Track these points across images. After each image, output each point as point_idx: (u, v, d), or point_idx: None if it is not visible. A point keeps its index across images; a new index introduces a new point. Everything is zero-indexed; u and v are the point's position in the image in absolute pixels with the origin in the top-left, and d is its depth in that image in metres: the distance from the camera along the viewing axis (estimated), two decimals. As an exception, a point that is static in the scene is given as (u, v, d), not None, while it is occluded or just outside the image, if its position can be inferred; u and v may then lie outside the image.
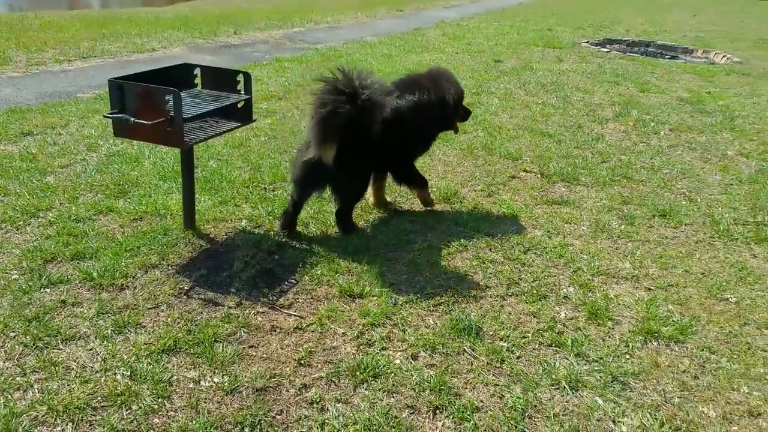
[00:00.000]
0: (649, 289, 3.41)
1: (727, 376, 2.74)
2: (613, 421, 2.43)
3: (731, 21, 19.20)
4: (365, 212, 4.18)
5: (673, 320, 3.11)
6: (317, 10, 16.65)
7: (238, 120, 3.69)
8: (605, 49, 11.70)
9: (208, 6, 18.02)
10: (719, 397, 2.61)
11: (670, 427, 2.41)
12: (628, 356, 2.83)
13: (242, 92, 3.70)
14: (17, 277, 3.22)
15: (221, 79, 3.75)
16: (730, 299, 3.36)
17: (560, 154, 5.49)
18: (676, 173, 5.18)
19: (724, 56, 11.83)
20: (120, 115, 3.11)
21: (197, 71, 3.81)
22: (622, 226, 4.13)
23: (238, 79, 3.70)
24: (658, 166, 5.30)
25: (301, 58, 9.52)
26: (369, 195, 4.21)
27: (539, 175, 5.00)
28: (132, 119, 3.08)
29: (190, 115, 3.26)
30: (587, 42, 12.41)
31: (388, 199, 4.36)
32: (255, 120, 3.85)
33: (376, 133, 3.58)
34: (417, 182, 4.24)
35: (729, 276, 3.59)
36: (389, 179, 4.21)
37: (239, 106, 3.66)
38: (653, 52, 12.34)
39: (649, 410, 2.49)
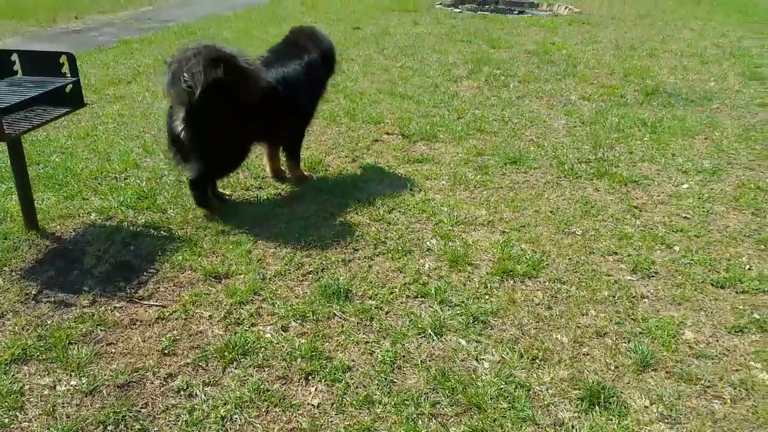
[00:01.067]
0: (504, 231, 3.63)
1: (577, 303, 2.99)
2: (476, 359, 2.58)
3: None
4: (228, 188, 4.08)
5: (526, 258, 3.33)
6: (165, -14, 15.69)
7: (68, 105, 3.43)
8: (458, 10, 12.07)
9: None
10: (571, 323, 2.84)
11: (528, 357, 2.60)
12: (487, 297, 3.01)
13: (68, 75, 3.43)
14: None
15: (43, 63, 3.45)
16: (577, 232, 3.65)
17: (419, 114, 5.64)
18: (525, 122, 5.50)
19: (566, 8, 12.61)
20: (-74, 113, 2.79)
21: (14, 57, 3.48)
22: (478, 177, 4.34)
23: (61, 61, 3.42)
24: (509, 117, 5.60)
25: (151, 38, 8.98)
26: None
27: (401, 136, 5.11)
28: (-59, 116, 2.77)
29: (7, 105, 2.98)
30: (440, 3, 12.73)
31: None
32: (87, 104, 3.59)
33: (254, 103, 3.52)
34: (298, 156, 4.23)
35: (575, 211, 3.90)
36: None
37: (67, 90, 3.40)
38: (502, 8, 12.91)
39: (508, 344, 2.67)
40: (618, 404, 2.33)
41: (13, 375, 2.43)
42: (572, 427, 2.25)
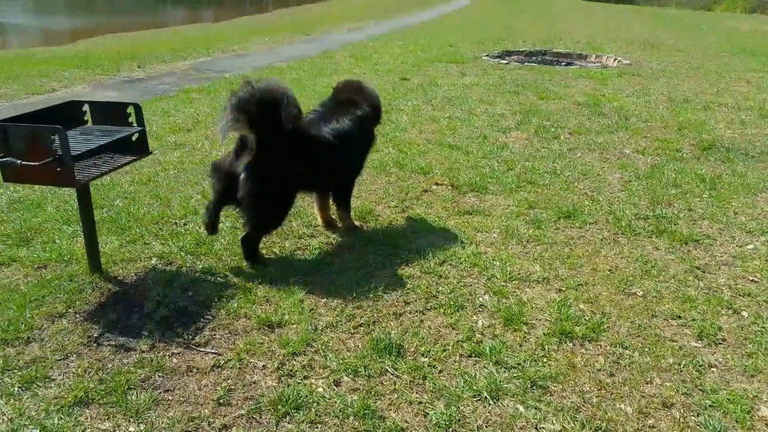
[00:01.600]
0: (560, 290, 3.56)
1: (641, 369, 2.86)
2: (536, 428, 2.50)
3: (618, 26, 20.53)
4: (281, 238, 4.14)
5: (585, 319, 3.25)
6: (224, 39, 16.47)
7: (135, 153, 3.59)
8: (504, 61, 12.21)
9: (110, 42, 17.38)
10: (635, 392, 2.72)
11: (590, 428, 2.49)
12: (545, 359, 2.93)
13: (134, 124, 3.60)
14: None
15: (112, 113, 3.63)
16: (637, 293, 3.54)
17: (469, 165, 5.66)
18: (577, 174, 5.45)
19: (615, 59, 12.61)
20: (6, 159, 2.96)
21: (86, 107, 3.68)
22: (531, 231, 4.29)
23: (128, 111, 3.59)
24: (561, 169, 5.56)
25: (209, 87, 9.36)
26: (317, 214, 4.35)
27: (450, 187, 5.13)
28: (19, 162, 2.93)
29: (78, 153, 3.14)
30: (487, 55, 12.91)
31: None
32: (152, 152, 3.74)
33: (309, 154, 3.66)
34: (349, 206, 4.30)
35: (635, 270, 3.80)
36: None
37: (133, 138, 3.55)
38: (550, 60, 12.99)
39: (569, 413, 2.57)
40: (687, 481, 2.21)
41: (76, 418, 2.47)
42: (638, 503, 2.13)
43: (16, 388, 2.64)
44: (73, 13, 29.40)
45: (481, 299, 3.43)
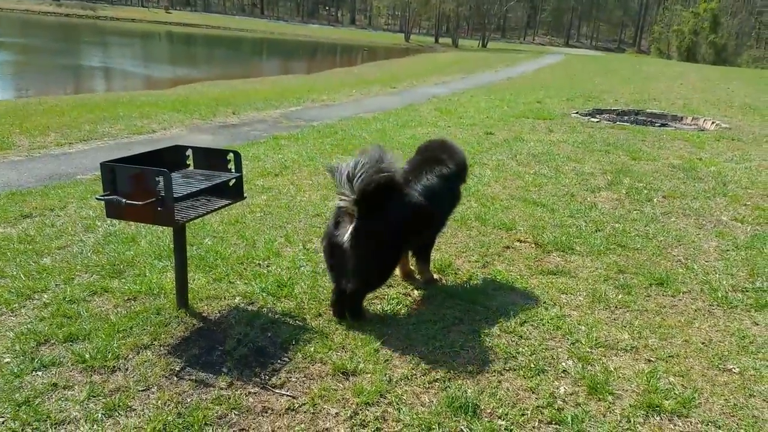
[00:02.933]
0: (649, 360, 3.35)
1: (736, 452, 2.65)
2: (618, 503, 2.33)
3: (716, 88, 19.79)
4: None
5: (675, 393, 3.04)
6: (314, 89, 17.20)
7: (230, 197, 3.75)
8: (595, 119, 12.00)
9: (208, 89, 18.57)
10: (728, 473, 2.52)
11: None
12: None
13: (233, 170, 3.77)
14: (9, 360, 3.17)
15: (212, 158, 3.84)
16: (733, 370, 3.30)
17: (554, 223, 5.53)
18: (671, 240, 5.20)
19: (713, 122, 12.12)
20: (112, 197, 3.17)
21: (189, 152, 3.90)
22: (620, 296, 4.10)
23: (228, 158, 3.78)
24: (653, 234, 5.32)
25: (297, 135, 9.75)
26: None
27: (534, 245, 5.01)
28: (123, 201, 3.13)
29: (180, 195, 3.31)
30: (577, 113, 12.74)
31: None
32: (245, 197, 3.90)
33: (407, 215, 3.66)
34: (429, 259, 4.30)
35: (731, 345, 3.54)
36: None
37: (230, 184, 3.72)
38: (643, 120, 12.65)
39: (656, 490, 2.40)
40: None
41: (153, 450, 2.54)
42: None
43: (99, 414, 2.76)
44: (175, 63, 31.77)
45: (564, 364, 3.28)
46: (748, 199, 6.50)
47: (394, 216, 3.58)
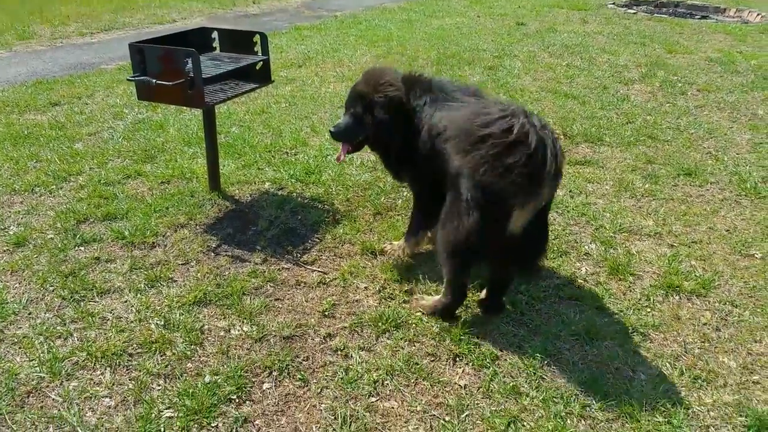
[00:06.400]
0: (672, 245, 3.40)
1: (750, 328, 2.74)
2: (632, 370, 2.47)
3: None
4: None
5: (695, 275, 3.11)
6: (337, -22, 16.44)
7: (257, 81, 3.73)
8: (632, 11, 11.41)
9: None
10: (741, 348, 2.62)
11: (689, 376, 2.44)
12: (648, 309, 2.85)
13: (259, 53, 3.73)
14: (53, 236, 3.34)
15: (238, 41, 3.78)
16: (756, 255, 3.33)
17: (584, 115, 5.43)
18: (702, 133, 5.09)
19: (758, 15, 11.44)
20: (142, 78, 3.18)
21: (215, 35, 3.85)
22: (646, 185, 4.09)
23: (254, 40, 3.73)
24: (685, 126, 5.21)
25: (320, 25, 9.47)
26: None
27: (562, 136, 4.96)
28: (154, 81, 3.14)
29: (209, 76, 3.31)
30: (613, 3, 12.10)
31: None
32: (273, 81, 3.87)
33: None
34: None
35: (755, 232, 3.56)
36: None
37: (257, 67, 3.70)
38: (682, 12, 11.99)
39: (668, 360, 2.52)
40: (796, 443, 2.12)
41: (195, 315, 2.72)
42: (738, 457, 2.08)
43: (142, 285, 2.93)
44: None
45: (586, 247, 3.35)
46: (788, 93, 6.26)
47: None
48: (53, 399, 2.26)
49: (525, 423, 2.19)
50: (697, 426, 2.20)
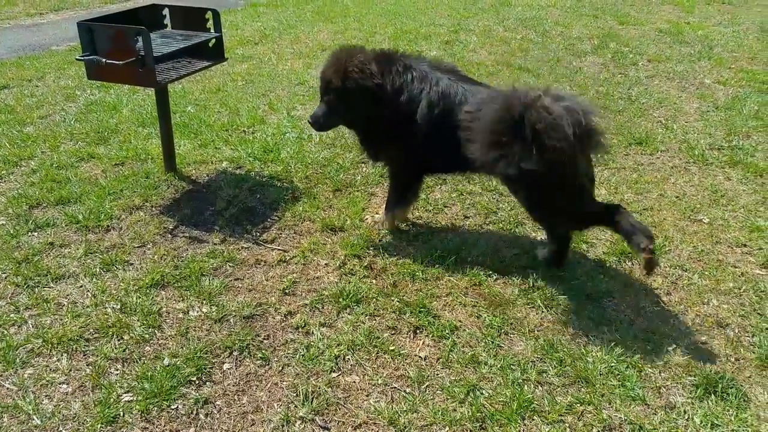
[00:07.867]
0: (624, 213, 3.50)
1: (698, 291, 2.85)
2: (587, 336, 2.55)
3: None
4: (344, 150, 4.20)
5: (645, 241, 3.21)
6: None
7: (210, 59, 3.67)
8: (586, -16, 11.51)
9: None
10: (690, 311, 2.73)
11: (642, 340, 2.53)
12: (602, 276, 2.94)
13: (212, 30, 3.66)
14: (4, 222, 3.26)
15: (190, 18, 3.70)
16: (704, 220, 3.46)
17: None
18: (653, 102, 5.22)
19: (705, -13, 11.68)
20: (91, 58, 3.09)
21: (166, 12, 3.76)
22: (599, 155, 4.18)
23: (207, 17, 3.65)
24: (636, 96, 5.34)
25: (276, 2, 9.31)
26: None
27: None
28: (104, 60, 3.05)
29: (160, 54, 3.24)
30: (568, -24, 12.19)
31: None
32: (227, 59, 3.81)
33: None
34: None
35: (703, 198, 3.69)
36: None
37: (210, 44, 3.63)
38: (635, -15, 12.16)
39: (622, 324, 2.61)
40: (737, 396, 2.23)
41: (153, 297, 2.69)
42: (684, 411, 2.18)
43: (98, 269, 2.89)
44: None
45: (541, 217, 3.42)
46: (733, 62, 6.44)
47: None
48: (8, 388, 2.22)
49: (484, 391, 2.25)
50: (650, 387, 2.29)
